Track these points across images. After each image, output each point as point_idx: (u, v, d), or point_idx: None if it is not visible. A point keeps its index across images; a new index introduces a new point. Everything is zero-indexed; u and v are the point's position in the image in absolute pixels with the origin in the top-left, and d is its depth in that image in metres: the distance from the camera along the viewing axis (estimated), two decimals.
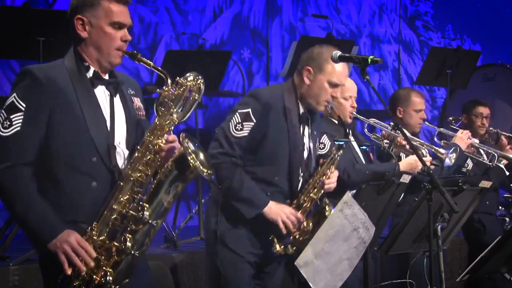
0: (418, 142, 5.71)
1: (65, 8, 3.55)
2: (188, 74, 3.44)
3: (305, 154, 4.50)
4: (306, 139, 4.52)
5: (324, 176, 4.42)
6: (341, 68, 4.47)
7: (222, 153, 4.29)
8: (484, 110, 6.85)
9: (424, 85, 10.81)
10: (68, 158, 3.29)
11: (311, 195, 4.42)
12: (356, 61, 4.33)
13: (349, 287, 4.55)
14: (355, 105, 5.37)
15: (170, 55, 7.29)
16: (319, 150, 4.79)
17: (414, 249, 4.73)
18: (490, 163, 6.39)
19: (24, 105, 3.24)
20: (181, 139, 3.35)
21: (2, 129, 3.23)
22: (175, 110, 3.38)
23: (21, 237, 6.01)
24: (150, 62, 3.45)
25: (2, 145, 3.23)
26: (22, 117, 3.23)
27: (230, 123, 4.36)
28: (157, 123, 3.37)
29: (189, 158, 3.31)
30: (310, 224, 4.38)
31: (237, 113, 4.37)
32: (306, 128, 4.52)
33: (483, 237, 6.48)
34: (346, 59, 4.56)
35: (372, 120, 5.68)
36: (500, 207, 7.43)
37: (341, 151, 4.48)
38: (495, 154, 6.39)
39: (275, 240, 4.37)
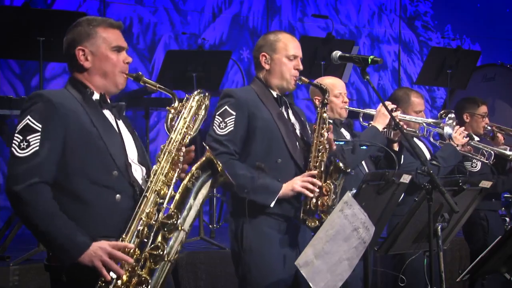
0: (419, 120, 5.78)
1: (64, 8, 3.57)
2: (195, 92, 3.59)
3: (298, 131, 4.54)
4: (292, 118, 4.57)
5: (322, 138, 4.45)
6: (292, 41, 4.55)
7: (217, 154, 4.28)
8: (486, 109, 6.85)
9: (424, 85, 10.82)
10: (89, 174, 3.33)
11: (318, 159, 4.43)
12: (356, 61, 4.34)
13: (350, 286, 4.56)
14: (347, 100, 5.41)
15: (170, 55, 7.30)
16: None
17: (414, 249, 4.72)
18: (487, 161, 6.38)
19: (40, 126, 3.28)
20: (206, 147, 3.49)
21: (19, 150, 3.26)
22: (188, 123, 3.51)
23: (21, 237, 6.03)
24: (155, 83, 3.58)
25: (21, 165, 3.24)
26: (39, 137, 3.26)
27: (214, 126, 4.40)
28: (174, 137, 3.47)
29: (216, 162, 3.42)
30: (330, 182, 4.42)
31: (216, 116, 4.43)
32: (289, 110, 4.57)
33: (486, 235, 6.47)
34: (346, 59, 4.58)
35: (369, 110, 5.69)
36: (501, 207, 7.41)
37: (325, 109, 4.50)
38: (492, 152, 6.39)
39: (307, 217, 4.37)
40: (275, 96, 4.53)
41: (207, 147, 3.49)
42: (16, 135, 3.29)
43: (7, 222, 6.11)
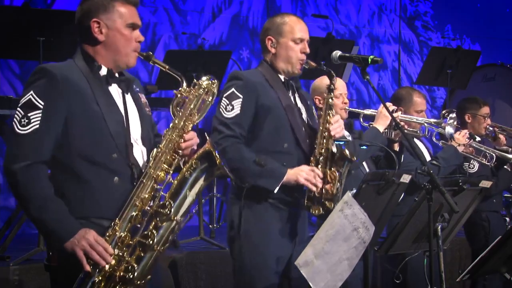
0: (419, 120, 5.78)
1: (64, 8, 3.58)
2: (203, 78, 3.54)
3: (304, 116, 4.52)
4: (299, 102, 4.55)
5: (328, 124, 4.43)
6: (298, 23, 4.50)
7: (223, 137, 4.28)
8: (488, 110, 6.85)
9: (424, 85, 10.81)
10: (89, 155, 3.32)
11: (323, 146, 4.41)
12: (356, 61, 4.34)
13: (350, 286, 4.56)
14: (347, 101, 5.40)
15: (170, 55, 7.30)
16: None
17: (414, 249, 4.72)
18: (488, 163, 6.39)
19: (42, 103, 3.26)
20: (207, 138, 3.45)
21: (20, 126, 3.25)
22: (194, 110, 3.47)
23: (21, 237, 6.04)
24: (165, 65, 3.53)
25: (20, 143, 3.24)
26: (40, 115, 3.25)
27: (220, 108, 4.37)
28: (177, 122, 3.44)
29: (215, 154, 3.40)
30: (334, 170, 4.40)
31: (223, 98, 4.39)
32: (296, 94, 4.55)
33: (487, 236, 6.47)
34: (346, 59, 4.57)
35: (369, 111, 5.69)
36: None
37: (332, 94, 4.48)
38: (494, 154, 6.39)
39: (311, 205, 4.36)
40: (283, 80, 4.51)
41: (208, 138, 3.46)
42: (18, 109, 3.28)
43: (7, 222, 6.11)
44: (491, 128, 6.81)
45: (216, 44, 10.04)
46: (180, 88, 3.48)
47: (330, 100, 4.48)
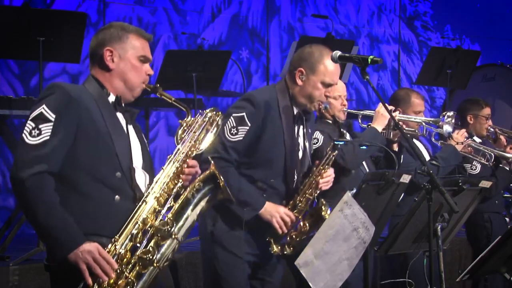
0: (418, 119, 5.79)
1: (63, 8, 3.59)
2: (208, 110, 3.66)
3: (300, 154, 4.52)
4: (301, 139, 4.54)
5: (319, 178, 4.45)
6: (333, 68, 4.48)
7: (218, 158, 4.27)
8: (489, 111, 6.85)
9: (423, 85, 10.82)
10: (94, 171, 3.37)
11: (306, 195, 4.44)
12: (356, 61, 4.33)
13: (351, 286, 4.56)
14: (346, 103, 5.40)
15: (170, 55, 7.29)
16: (313, 145, 4.82)
17: (414, 249, 4.73)
18: (487, 163, 6.39)
19: (54, 116, 3.31)
20: (210, 159, 3.58)
21: (30, 137, 3.28)
22: (197, 137, 3.57)
23: (21, 237, 6.03)
24: (171, 97, 3.66)
25: (30, 152, 3.26)
26: (51, 127, 3.29)
27: (225, 127, 4.36)
28: (181, 149, 3.52)
29: (219, 178, 3.48)
30: (307, 224, 4.41)
31: (231, 117, 4.38)
32: (301, 127, 4.55)
33: (490, 237, 6.47)
34: (346, 59, 4.56)
35: (367, 111, 5.70)
36: None
37: (336, 152, 4.49)
38: (492, 154, 6.39)
39: (272, 241, 4.39)
40: (295, 113, 4.50)
41: (212, 162, 3.52)
42: (29, 121, 3.32)
43: (7, 222, 6.11)
44: (492, 130, 6.81)
45: (216, 44, 10.04)
46: (185, 118, 3.60)
47: (331, 156, 4.48)
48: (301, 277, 4.15)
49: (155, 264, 3.33)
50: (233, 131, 4.35)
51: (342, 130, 5.30)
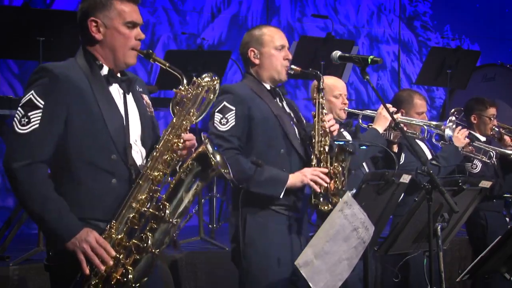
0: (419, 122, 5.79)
1: (63, 8, 3.55)
2: (204, 75, 3.48)
3: (294, 121, 4.55)
4: (287, 110, 4.58)
5: (323, 122, 4.45)
6: (277, 32, 4.58)
7: (224, 151, 4.27)
8: (495, 111, 6.86)
9: (423, 85, 10.82)
10: (88, 156, 3.31)
11: (321, 144, 4.43)
12: (356, 61, 4.35)
13: (350, 286, 4.56)
14: (346, 102, 5.42)
15: (170, 55, 7.30)
16: None
17: (414, 249, 4.73)
18: (489, 161, 6.40)
19: (42, 103, 3.24)
20: (202, 139, 3.40)
21: (20, 126, 3.23)
22: (193, 109, 3.42)
23: (21, 237, 6.03)
24: (165, 62, 3.47)
25: (20, 142, 3.22)
26: (40, 114, 3.23)
27: (215, 124, 4.39)
28: (175, 122, 3.41)
29: (210, 156, 3.36)
30: (337, 166, 4.42)
31: (215, 114, 4.41)
32: (283, 102, 4.59)
33: (486, 235, 6.48)
34: (346, 59, 4.58)
35: (368, 111, 5.70)
36: None
37: (322, 93, 4.51)
38: (493, 152, 6.39)
39: (318, 202, 4.37)
40: (269, 88, 4.54)
41: (204, 139, 3.42)
42: (18, 108, 3.26)
43: (7, 222, 6.11)
44: (496, 129, 6.82)
45: (215, 44, 10.04)
46: (180, 87, 3.43)
47: (321, 99, 4.50)
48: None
49: (150, 250, 3.29)
50: (223, 121, 4.36)
51: (341, 130, 5.31)
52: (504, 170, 6.66)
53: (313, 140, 4.45)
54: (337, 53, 4.50)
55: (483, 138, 6.59)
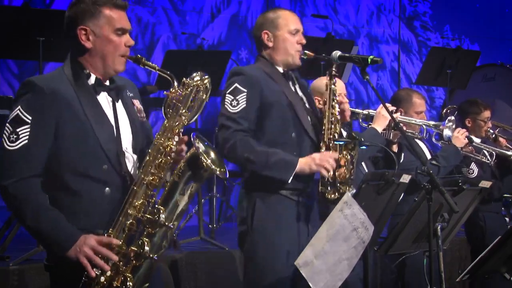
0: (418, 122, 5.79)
1: (63, 8, 3.55)
2: (194, 74, 3.43)
3: (307, 105, 4.55)
4: (300, 93, 4.57)
5: (333, 109, 4.45)
6: (292, 15, 4.59)
7: (232, 132, 4.28)
8: (489, 114, 6.86)
9: (423, 85, 10.82)
10: (79, 167, 3.29)
11: (332, 131, 4.43)
12: (356, 61, 4.35)
13: (350, 286, 4.56)
14: (346, 100, 5.40)
15: (170, 55, 7.30)
16: None
17: (414, 249, 4.73)
18: (488, 162, 6.40)
19: (30, 118, 3.22)
20: (192, 140, 3.36)
21: (9, 142, 3.22)
22: (183, 111, 3.38)
23: (21, 237, 6.03)
24: (155, 66, 3.44)
25: (10, 159, 3.21)
26: (28, 129, 3.22)
27: (226, 105, 4.37)
28: (167, 125, 3.38)
29: (201, 157, 3.33)
30: (346, 154, 4.42)
31: (226, 95, 4.39)
32: (296, 85, 4.58)
33: (484, 235, 6.49)
34: (346, 59, 4.58)
35: (367, 111, 5.70)
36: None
37: (334, 80, 4.49)
38: (493, 152, 6.40)
39: (325, 190, 4.36)
40: (282, 72, 4.53)
41: (194, 140, 3.38)
42: (7, 125, 3.25)
43: (7, 222, 6.10)
44: (491, 131, 6.82)
45: (215, 44, 10.04)
46: (171, 89, 3.40)
47: (333, 86, 4.48)
48: None
49: (148, 256, 3.27)
50: (234, 103, 4.35)
51: (340, 129, 5.31)
52: (502, 173, 6.65)
53: (323, 128, 4.45)
54: (337, 53, 4.50)
55: (478, 140, 6.59)
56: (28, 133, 3.21)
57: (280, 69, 4.54)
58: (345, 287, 4.22)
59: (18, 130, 3.22)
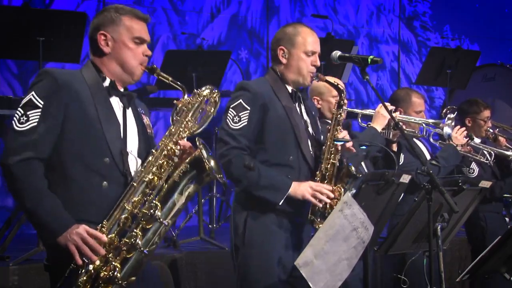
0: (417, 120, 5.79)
1: (63, 8, 3.58)
2: (204, 88, 3.62)
3: (310, 129, 4.52)
4: (305, 115, 4.54)
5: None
6: (311, 36, 4.49)
7: (230, 149, 4.28)
8: (489, 113, 6.86)
9: (423, 85, 10.82)
10: (81, 157, 3.37)
11: (330, 161, 4.42)
12: (356, 61, 4.35)
13: (350, 286, 4.56)
14: (346, 101, 5.40)
15: (170, 55, 7.30)
16: None
17: (414, 249, 4.73)
18: (487, 162, 6.40)
19: (42, 103, 3.32)
20: (197, 143, 3.46)
21: (18, 124, 3.31)
22: (190, 118, 3.53)
23: (21, 237, 6.04)
24: (168, 77, 3.60)
25: (18, 139, 3.29)
26: (39, 113, 3.32)
27: (227, 120, 4.36)
28: (172, 129, 3.50)
29: (205, 161, 3.42)
30: (339, 187, 4.41)
31: (230, 109, 4.38)
32: (302, 106, 4.55)
33: (485, 235, 6.49)
34: (346, 59, 4.57)
35: (367, 111, 5.70)
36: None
37: (341, 110, 4.49)
38: (492, 152, 6.40)
39: (314, 218, 4.36)
40: (290, 91, 4.50)
41: (199, 144, 3.47)
42: (18, 109, 3.35)
43: (7, 222, 6.11)
44: (491, 130, 6.82)
45: (215, 44, 10.04)
46: (181, 99, 3.56)
47: (339, 116, 4.48)
48: None
49: (139, 249, 3.32)
50: (236, 119, 4.34)
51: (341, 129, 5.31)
52: (503, 172, 6.65)
53: (321, 155, 4.45)
54: (337, 53, 4.50)
55: (478, 140, 6.60)
56: (38, 117, 3.31)
57: (289, 88, 4.50)
58: (345, 287, 4.21)
59: (29, 113, 3.32)
